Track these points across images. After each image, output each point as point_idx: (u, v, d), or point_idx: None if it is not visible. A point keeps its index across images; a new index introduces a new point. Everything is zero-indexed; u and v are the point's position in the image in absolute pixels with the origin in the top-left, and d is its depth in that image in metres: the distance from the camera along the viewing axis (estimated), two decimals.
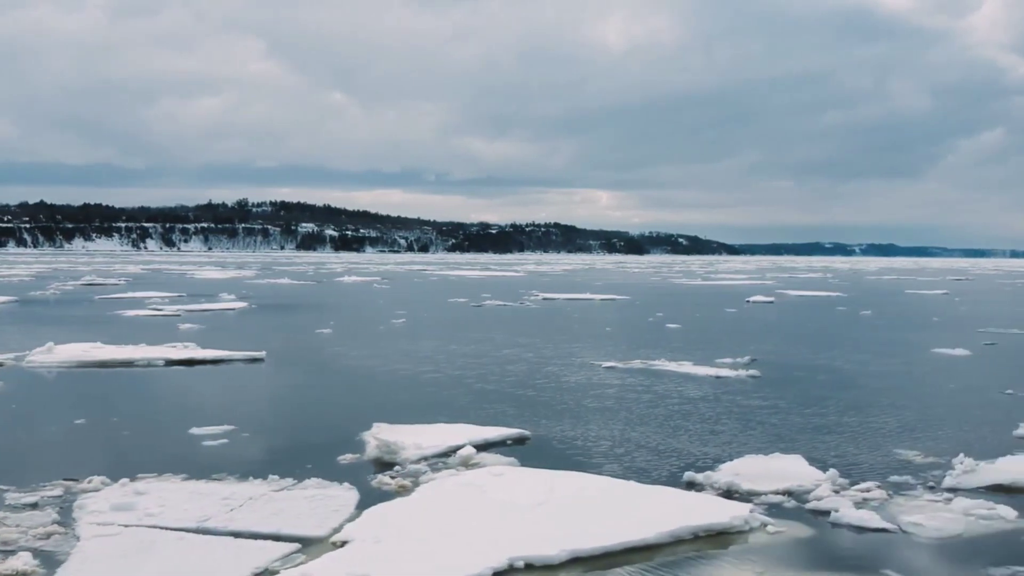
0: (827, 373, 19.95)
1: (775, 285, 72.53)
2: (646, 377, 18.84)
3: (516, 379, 18.38)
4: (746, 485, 9.88)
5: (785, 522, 8.78)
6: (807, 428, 13.55)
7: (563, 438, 12.60)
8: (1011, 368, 21.06)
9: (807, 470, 10.47)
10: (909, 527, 8.60)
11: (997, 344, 26.80)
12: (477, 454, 11.11)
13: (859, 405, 15.68)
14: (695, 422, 13.92)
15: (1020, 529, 8.60)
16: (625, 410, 14.87)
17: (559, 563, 7.43)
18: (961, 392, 17.41)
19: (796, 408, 15.31)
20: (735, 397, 16.36)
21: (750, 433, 13.10)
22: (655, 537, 7.97)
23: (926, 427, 13.74)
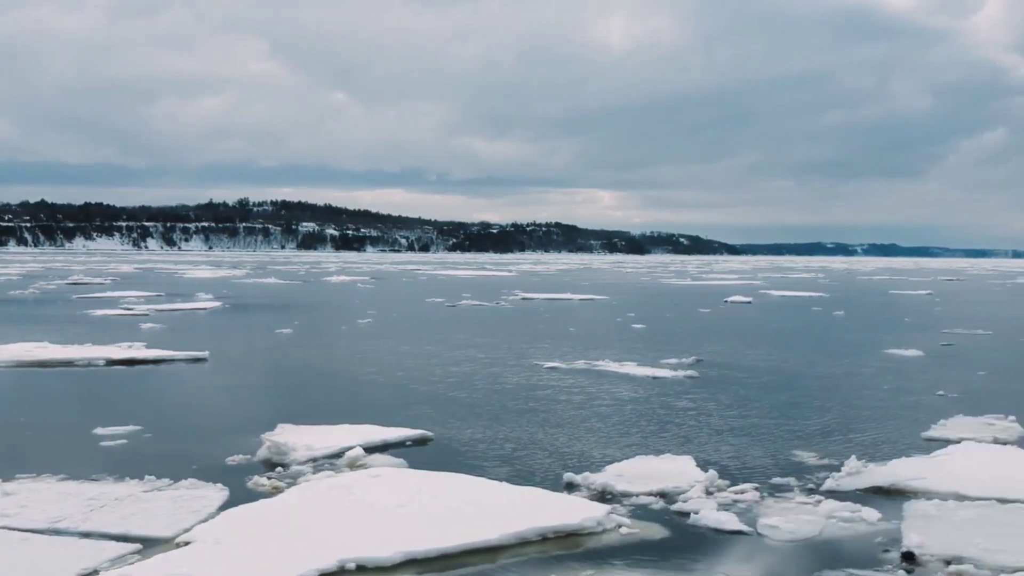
0: (769, 374, 19.94)
1: (762, 285, 72.44)
2: (583, 378, 18.84)
3: (452, 381, 18.38)
4: (621, 486, 9.88)
5: (643, 523, 8.79)
6: (719, 429, 13.55)
7: (467, 440, 12.60)
8: (954, 369, 21.02)
9: (691, 471, 10.48)
10: (764, 529, 8.60)
11: (954, 345, 26.76)
12: (366, 456, 11.11)
13: (784, 407, 15.68)
14: (607, 423, 13.93)
15: (875, 532, 8.59)
16: (544, 411, 14.87)
17: (392, 564, 7.44)
18: (892, 393, 17.37)
19: (718, 409, 15.30)
20: (662, 398, 16.37)
21: (658, 434, 13.09)
22: (499, 539, 7.98)
23: (840, 429, 13.74)
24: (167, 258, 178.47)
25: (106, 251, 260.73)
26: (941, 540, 8.22)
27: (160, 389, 17.55)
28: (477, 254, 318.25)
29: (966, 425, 13.80)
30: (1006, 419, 14.30)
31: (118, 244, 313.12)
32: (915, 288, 70.47)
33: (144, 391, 17.35)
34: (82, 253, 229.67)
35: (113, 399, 16.20)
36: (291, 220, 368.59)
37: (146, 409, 14.41)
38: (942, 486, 10.08)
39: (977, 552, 7.92)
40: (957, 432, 13.20)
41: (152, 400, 16.10)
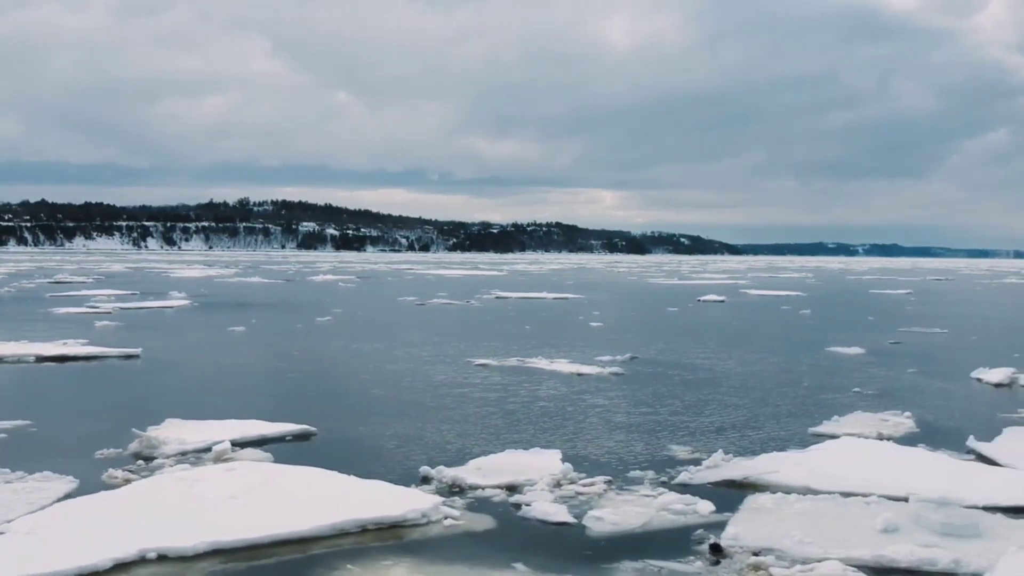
0: (697, 371, 19.97)
1: (746, 285, 72.46)
2: (507, 375, 18.92)
3: (370, 378, 18.49)
4: (473, 480, 9.96)
5: (473, 515, 8.87)
6: (614, 425, 13.61)
7: (350, 436, 12.69)
8: (885, 367, 21.04)
9: (553, 465, 10.54)
10: (589, 520, 8.68)
11: (902, 343, 26.81)
12: (237, 450, 11.21)
13: (693, 403, 15.74)
14: (500, 419, 14.01)
15: (699, 524, 8.65)
16: (444, 408, 14.95)
17: (195, 554, 7.52)
18: (809, 390, 17.42)
19: (625, 406, 15.37)
20: (574, 395, 16.42)
21: (546, 429, 13.16)
22: (312, 530, 8.06)
23: (736, 425, 13.79)
24: (164, 258, 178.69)
25: (106, 251, 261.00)
26: (759, 532, 8.29)
27: (70, 385, 17.66)
28: (477, 254, 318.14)
29: (859, 421, 13.87)
30: (902, 415, 14.39)
31: (118, 244, 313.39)
32: (897, 288, 70.40)
33: (53, 387, 17.45)
34: (81, 253, 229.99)
35: (17, 394, 16.29)
36: (291, 220, 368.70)
37: (45, 404, 14.53)
38: (794, 480, 10.14)
39: (788, 544, 7.99)
40: (845, 428, 13.28)
41: (55, 395, 16.22)
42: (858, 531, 8.36)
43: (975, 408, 15.62)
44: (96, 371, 19.15)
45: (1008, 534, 8.34)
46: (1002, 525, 8.63)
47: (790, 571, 7.34)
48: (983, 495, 9.51)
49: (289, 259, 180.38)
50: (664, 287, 68.64)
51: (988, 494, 9.56)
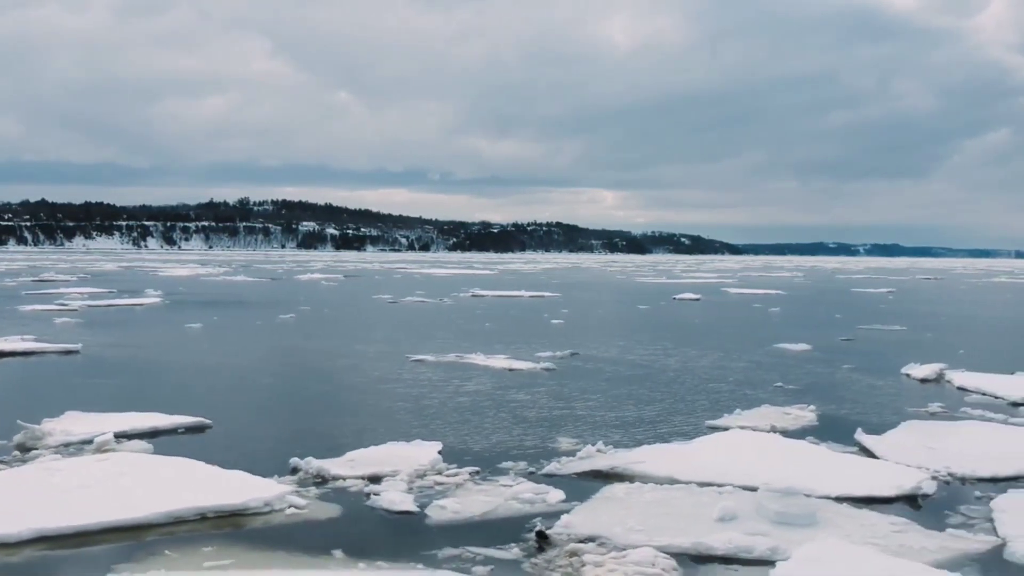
0: (632, 367, 20.04)
1: (733, 284, 72.52)
2: (438, 370, 19.01)
3: (297, 372, 18.67)
4: (338, 470, 10.05)
5: (320, 504, 8.96)
6: (515, 419, 13.66)
7: (244, 428, 12.80)
8: (822, 363, 21.10)
9: (426, 456, 10.62)
10: (432, 509, 8.76)
11: (854, 340, 26.88)
12: (119, 441, 11.30)
13: (612, 398, 15.81)
14: (401, 412, 14.12)
15: (541, 512, 8.72)
16: (353, 402, 15.14)
17: (20, 541, 7.61)
18: (733, 385, 17.49)
19: (541, 400, 15.42)
20: (495, 390, 16.48)
21: (441, 422, 13.24)
22: (148, 517, 8.15)
23: (640, 419, 13.85)
24: (161, 257, 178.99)
25: (105, 250, 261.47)
26: (596, 520, 8.37)
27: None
28: (477, 254, 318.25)
29: (760, 414, 13.93)
30: (807, 409, 14.48)
31: (118, 243, 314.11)
32: (880, 287, 70.38)
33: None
34: (79, 252, 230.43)
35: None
36: (291, 220, 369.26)
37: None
38: (659, 470, 10.23)
39: (618, 531, 8.06)
40: (741, 421, 13.34)
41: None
42: (695, 520, 8.43)
43: (887, 402, 15.65)
44: (24, 366, 19.28)
45: (843, 523, 8.41)
46: (842, 515, 8.69)
47: (602, 558, 7.41)
48: (838, 486, 9.58)
49: (286, 258, 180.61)
50: (648, 286, 68.66)
51: (843, 485, 9.63)
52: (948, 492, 9.75)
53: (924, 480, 9.89)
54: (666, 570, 7.21)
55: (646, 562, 7.30)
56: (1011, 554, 7.71)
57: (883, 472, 10.21)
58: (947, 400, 15.70)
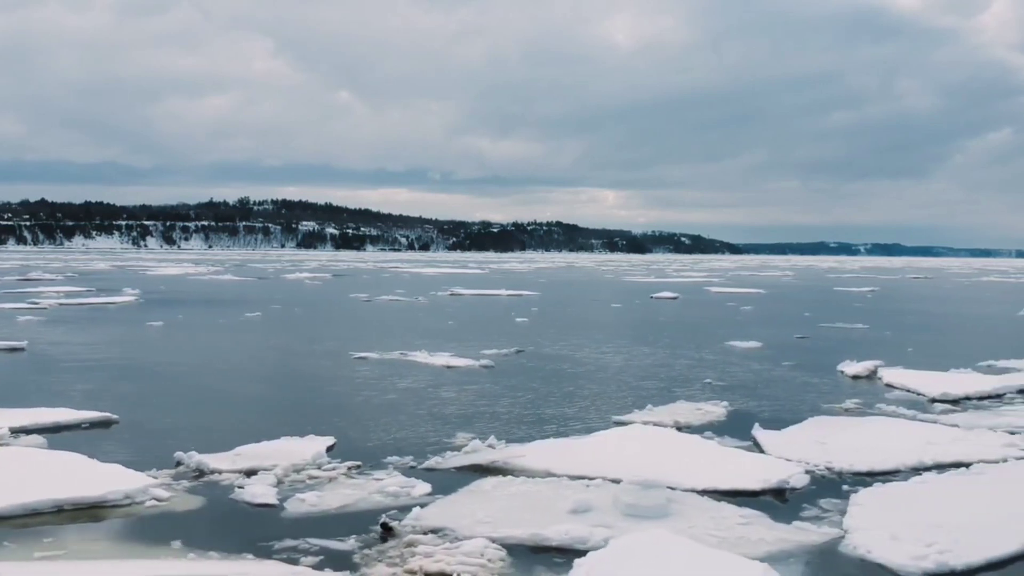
0: (573, 364, 20.11)
1: (719, 282, 72.59)
2: (375, 367, 19.14)
3: (229, 369, 18.82)
4: (218, 464, 10.15)
5: (185, 497, 9.06)
6: (429, 415, 13.75)
7: (150, 423, 12.85)
8: (763, 360, 21.16)
9: (309, 450, 10.73)
10: (291, 503, 8.88)
11: (808, 338, 26.98)
12: (15, 436, 11.42)
13: (537, 395, 15.87)
14: (312, 408, 14.27)
15: (400, 505, 8.82)
16: (269, 398, 15.29)
17: None
18: (662, 381, 17.55)
19: (465, 397, 15.49)
20: (425, 387, 16.56)
21: (355, 419, 13.35)
22: (2, 509, 8.23)
23: (552, 415, 13.92)
24: (158, 256, 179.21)
25: (104, 250, 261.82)
26: (449, 513, 8.46)
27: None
28: (477, 253, 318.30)
29: (669, 410, 14.01)
30: (719, 404, 14.58)
31: (118, 243, 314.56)
32: (865, 286, 70.39)
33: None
34: (78, 252, 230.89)
35: None
36: (292, 219, 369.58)
37: None
38: (538, 464, 10.32)
39: (465, 523, 8.16)
40: (648, 416, 13.43)
41: None
42: (547, 512, 8.51)
43: (808, 398, 15.71)
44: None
45: (693, 515, 8.49)
46: (697, 507, 8.77)
47: (435, 548, 7.50)
48: (709, 479, 9.68)
49: (283, 258, 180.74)
50: (632, 285, 68.68)
51: (715, 478, 9.73)
52: (818, 486, 9.83)
53: (796, 474, 9.97)
54: (491, 560, 7.29)
55: (475, 552, 7.39)
56: (845, 546, 7.80)
57: (760, 466, 10.29)
58: (868, 396, 15.78)
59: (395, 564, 7.23)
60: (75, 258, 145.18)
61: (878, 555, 7.46)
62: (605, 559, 6.66)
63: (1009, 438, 11.93)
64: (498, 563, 7.27)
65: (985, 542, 7.67)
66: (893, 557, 7.36)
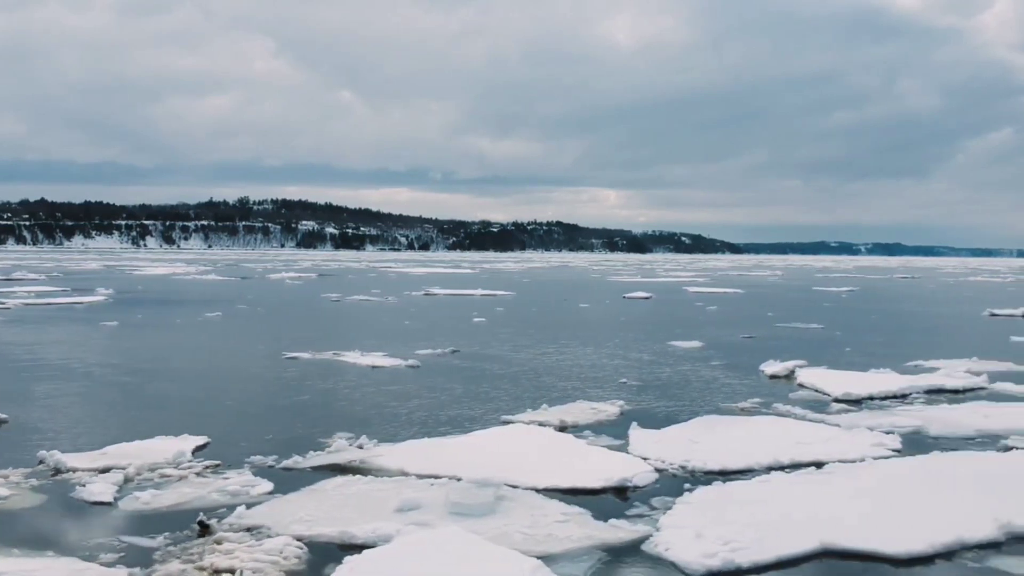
0: (500, 364, 20.20)
1: (703, 282, 72.73)
2: (302, 367, 19.29)
3: (149, 368, 18.90)
4: (77, 463, 10.27)
5: (26, 495, 9.21)
6: (321, 413, 13.88)
7: (36, 424, 12.91)
8: (696, 360, 21.25)
9: (174, 449, 10.86)
10: (127, 500, 9.00)
11: (754, 338, 27.06)
12: None
13: (448, 393, 16.00)
14: (203, 407, 14.43)
15: (230, 503, 8.92)
16: (166, 398, 15.37)
17: None
18: (577, 380, 17.61)
19: (368, 397, 15.62)
20: (334, 387, 16.70)
21: (242, 418, 13.50)
22: None
23: (442, 414, 14.01)
24: (154, 256, 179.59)
25: (103, 249, 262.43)
26: (271, 512, 8.60)
27: None
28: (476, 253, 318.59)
29: (563, 409, 14.11)
30: (615, 404, 14.67)
31: (117, 243, 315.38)
32: (849, 285, 70.44)
33: None
34: (77, 251, 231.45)
35: None
36: (291, 219, 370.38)
37: None
38: (394, 464, 10.45)
39: (282, 522, 8.28)
40: (536, 416, 13.53)
41: None
42: (372, 511, 8.63)
43: (712, 398, 15.77)
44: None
45: (516, 512, 8.61)
46: (525, 505, 8.88)
47: (237, 546, 7.62)
48: (553, 478, 9.80)
49: (279, 257, 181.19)
50: (613, 285, 68.74)
51: (560, 477, 9.85)
52: (661, 485, 9.92)
53: (642, 473, 10.08)
54: (287, 558, 7.41)
55: (274, 550, 7.51)
56: (647, 544, 7.90)
57: (612, 465, 10.37)
58: (772, 396, 15.85)
59: (190, 561, 7.34)
60: (70, 258, 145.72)
61: (671, 553, 7.57)
62: (374, 557, 6.79)
63: (881, 438, 12.02)
64: (292, 560, 7.39)
65: (786, 540, 7.77)
66: (683, 555, 7.47)
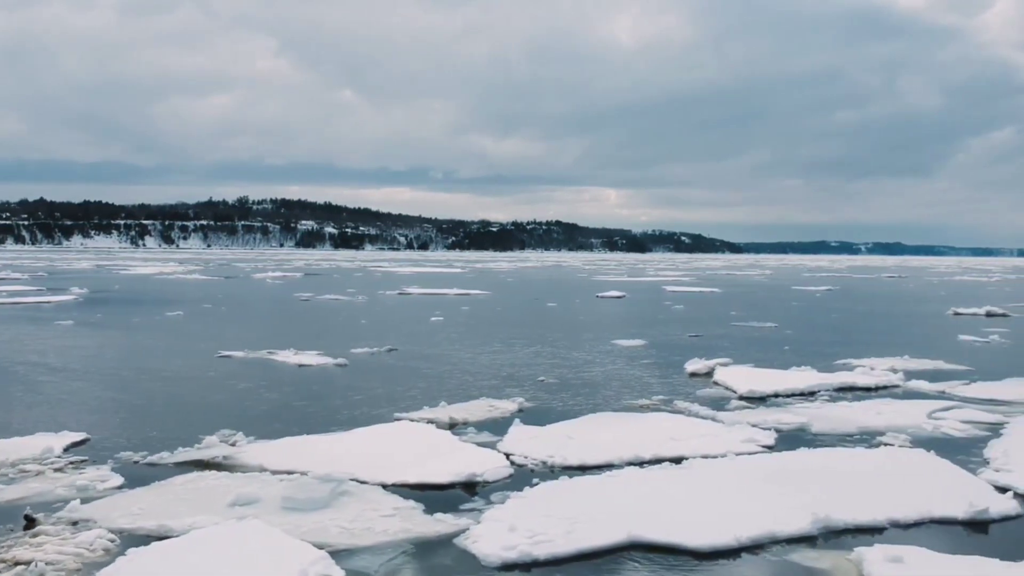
0: (430, 363, 20.30)
1: (687, 282, 72.77)
2: (232, 365, 19.49)
3: (79, 366, 19.02)
4: None
5: None
6: (218, 412, 13.97)
7: None
8: (627, 359, 21.36)
9: (44, 445, 11.00)
10: None
11: (700, 336, 27.10)
12: None
13: (361, 392, 16.12)
14: (103, 405, 14.58)
15: (76, 497, 9.05)
16: (71, 396, 15.49)
17: None
18: (500, 379, 17.67)
19: (282, 397, 15.69)
20: (253, 386, 16.83)
21: (129, 415, 13.62)
22: None
23: (342, 415, 14.11)
24: (150, 255, 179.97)
25: (101, 249, 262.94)
26: (105, 507, 8.73)
27: None
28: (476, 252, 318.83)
29: (461, 407, 14.23)
30: (516, 402, 14.77)
31: (116, 242, 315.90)
32: (829, 284, 70.49)
33: None
34: (75, 251, 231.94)
35: None
36: (291, 218, 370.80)
37: None
38: (255, 461, 10.59)
39: (110, 516, 8.41)
40: (428, 414, 13.65)
41: None
42: (206, 505, 8.75)
43: (621, 396, 15.80)
44: None
45: (350, 507, 8.74)
46: (361, 500, 9.00)
47: (50, 538, 7.74)
48: (405, 474, 9.92)
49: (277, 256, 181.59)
50: (595, 284, 68.81)
51: (414, 473, 9.97)
52: (512, 480, 10.02)
53: (494, 468, 10.19)
54: (94, 550, 7.53)
55: (85, 543, 7.63)
56: (460, 537, 8.01)
57: (468, 461, 10.47)
58: (679, 394, 15.94)
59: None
60: (63, 257, 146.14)
61: (476, 546, 7.68)
62: (158, 548, 6.92)
63: (756, 434, 12.11)
64: (98, 553, 7.51)
65: (595, 533, 7.88)
66: (485, 548, 7.58)
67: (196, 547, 6.93)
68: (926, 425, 13.05)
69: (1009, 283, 78.90)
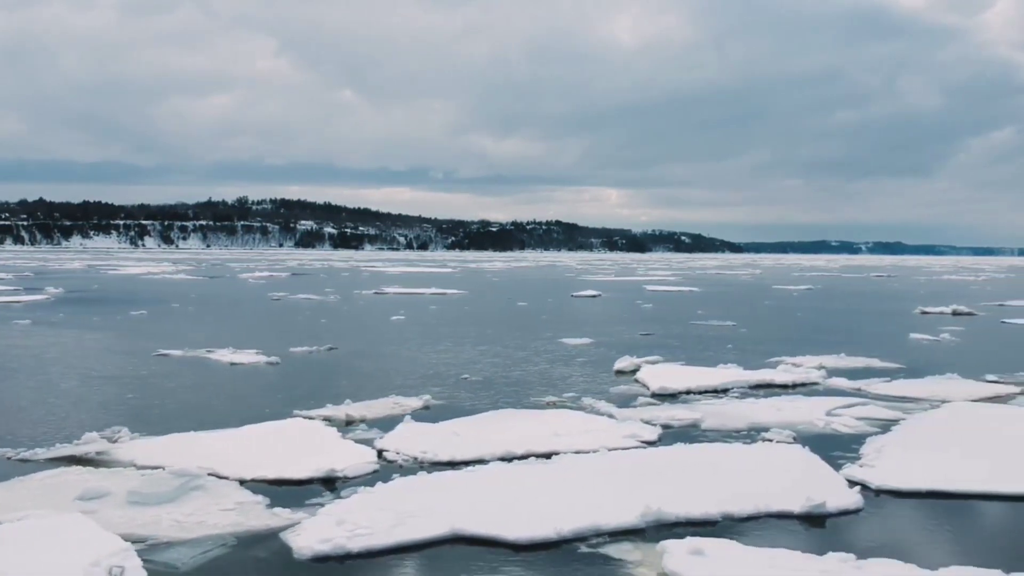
0: (368, 361, 20.46)
1: (674, 281, 72.82)
2: (162, 364, 19.63)
3: (18, 366, 19.14)
4: None
5: None
6: (127, 409, 14.14)
7: None
8: (564, 358, 21.43)
9: None
10: None
11: (651, 335, 27.20)
12: None
13: (279, 389, 16.27)
14: (20, 404, 14.62)
15: None
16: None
17: None
18: (423, 378, 17.79)
19: (204, 394, 15.91)
20: (180, 385, 16.98)
21: (45, 412, 13.75)
22: None
23: (244, 412, 14.18)
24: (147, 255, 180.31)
25: (101, 249, 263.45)
26: None
27: None
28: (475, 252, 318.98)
29: (365, 405, 14.27)
30: (423, 399, 14.87)
31: (115, 243, 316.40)
32: (815, 283, 70.54)
33: None
34: (74, 251, 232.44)
35: None
36: (290, 218, 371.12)
37: None
38: (128, 456, 10.73)
39: None
40: (329, 412, 13.72)
41: None
42: (58, 498, 8.87)
43: (539, 392, 15.93)
44: None
45: (195, 502, 8.83)
46: (210, 495, 9.09)
47: None
48: (265, 470, 10.03)
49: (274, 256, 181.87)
50: (577, 283, 68.88)
51: (272, 469, 10.07)
52: (376, 475, 10.03)
53: (362, 464, 10.31)
54: None
55: None
56: (288, 531, 8.10)
57: (338, 456, 10.58)
58: (594, 391, 16.02)
59: None
60: (59, 258, 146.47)
61: (298, 539, 7.76)
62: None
63: (641, 430, 12.19)
64: None
65: (419, 527, 7.98)
66: (302, 541, 7.69)
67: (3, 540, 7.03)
68: (818, 422, 13.12)
69: (995, 282, 78.84)
